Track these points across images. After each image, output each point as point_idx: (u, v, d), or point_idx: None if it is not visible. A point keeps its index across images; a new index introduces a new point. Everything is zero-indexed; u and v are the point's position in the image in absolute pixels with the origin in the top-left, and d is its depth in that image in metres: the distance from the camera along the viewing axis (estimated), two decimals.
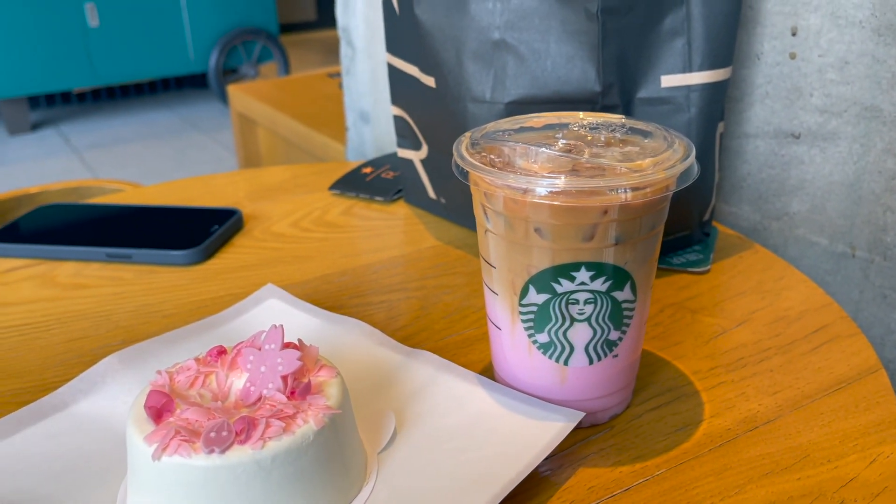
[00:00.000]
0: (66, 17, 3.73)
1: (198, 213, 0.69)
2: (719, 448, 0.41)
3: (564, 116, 0.44)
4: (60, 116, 4.06)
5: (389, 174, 0.79)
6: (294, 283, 0.59)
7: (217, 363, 0.38)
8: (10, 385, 0.47)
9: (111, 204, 0.74)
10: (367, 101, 1.07)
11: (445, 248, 0.65)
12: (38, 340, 0.52)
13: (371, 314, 0.55)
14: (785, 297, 0.56)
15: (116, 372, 0.45)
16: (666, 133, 0.41)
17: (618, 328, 0.40)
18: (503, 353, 0.43)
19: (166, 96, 4.39)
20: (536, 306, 0.40)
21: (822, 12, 0.58)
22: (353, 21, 1.04)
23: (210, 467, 0.32)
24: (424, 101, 0.63)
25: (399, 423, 0.41)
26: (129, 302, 0.57)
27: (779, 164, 0.64)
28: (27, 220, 0.70)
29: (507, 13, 0.55)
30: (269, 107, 1.75)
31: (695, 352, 0.50)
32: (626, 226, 0.38)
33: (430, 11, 0.58)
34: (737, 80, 0.65)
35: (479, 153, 0.40)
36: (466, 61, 0.57)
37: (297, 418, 0.34)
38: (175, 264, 0.62)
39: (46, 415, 0.42)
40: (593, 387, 0.42)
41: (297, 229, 0.69)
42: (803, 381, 0.46)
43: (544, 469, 0.40)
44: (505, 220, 0.39)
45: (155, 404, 0.35)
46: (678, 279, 0.59)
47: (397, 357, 0.47)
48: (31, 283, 0.60)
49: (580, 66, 0.54)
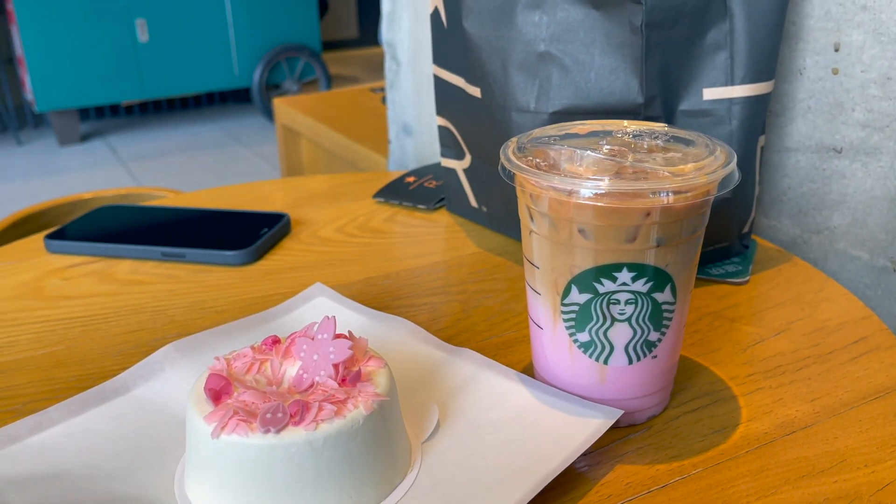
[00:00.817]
0: (118, 32, 3.85)
1: (248, 217, 0.72)
2: (756, 450, 0.42)
3: (609, 124, 0.45)
4: (109, 128, 4.17)
5: (432, 183, 0.81)
6: (339, 284, 0.61)
7: (272, 351, 0.40)
8: (73, 371, 0.50)
9: (166, 206, 0.77)
10: (410, 113, 1.09)
11: (486, 255, 0.66)
12: (98, 331, 0.55)
13: (414, 315, 0.56)
14: (824, 308, 0.56)
15: (174, 360, 0.47)
16: (708, 141, 0.42)
17: (657, 329, 0.41)
18: (544, 351, 0.45)
19: (211, 110, 4.49)
20: (578, 306, 0.41)
21: (865, 29, 0.59)
22: (398, 36, 1.07)
23: (265, 446, 0.34)
24: (469, 112, 0.65)
25: (442, 415, 0.43)
26: (183, 298, 0.59)
27: (820, 179, 0.65)
28: (87, 220, 0.73)
29: (552, 26, 0.56)
30: (313, 119, 1.79)
31: (732, 358, 0.50)
32: (668, 228, 0.39)
33: (478, 24, 0.60)
34: (779, 95, 0.66)
35: (526, 157, 0.41)
36: (512, 72, 0.58)
37: (348, 403, 0.36)
38: (226, 264, 0.65)
39: (109, 398, 0.44)
40: (632, 386, 0.43)
41: (343, 234, 0.71)
42: (841, 389, 0.47)
43: (582, 464, 0.41)
44: (549, 221, 0.40)
45: (214, 386, 0.37)
46: (717, 289, 0.60)
47: (441, 354, 0.48)
48: (91, 279, 0.63)
49: (623, 78, 0.55)
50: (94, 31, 3.79)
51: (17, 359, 0.51)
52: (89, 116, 4.31)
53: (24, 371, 0.50)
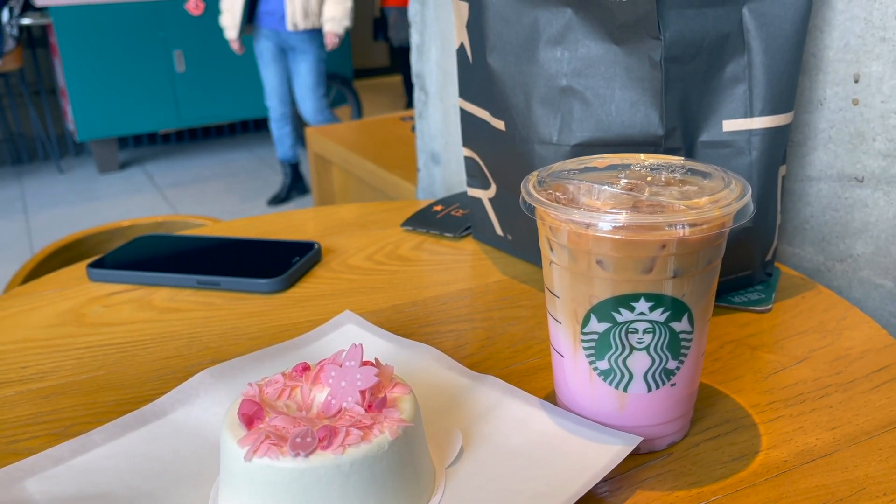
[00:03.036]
0: (156, 63, 3.96)
1: (280, 246, 0.74)
2: (775, 478, 0.42)
3: (627, 157, 0.47)
4: (146, 156, 4.28)
5: (459, 212, 0.83)
6: (368, 311, 0.63)
7: (302, 378, 0.41)
8: (114, 396, 0.52)
9: (201, 236, 0.80)
10: (438, 143, 1.12)
11: (511, 283, 0.68)
12: (136, 357, 0.57)
13: (440, 342, 0.58)
14: (847, 336, 0.56)
15: (209, 385, 0.49)
16: (724, 174, 0.43)
17: (675, 358, 0.42)
18: (565, 379, 0.46)
19: (245, 138, 4.58)
20: (597, 334, 0.42)
21: (884, 60, 0.60)
22: (426, 67, 1.09)
23: (295, 469, 0.36)
24: (494, 144, 0.67)
25: (466, 441, 0.44)
26: (218, 325, 0.62)
27: (842, 207, 0.65)
28: (126, 249, 0.76)
29: (574, 61, 0.58)
30: (344, 148, 1.83)
31: (753, 386, 0.51)
32: (684, 260, 0.40)
33: (502, 60, 0.62)
34: (800, 125, 0.67)
35: (546, 190, 0.43)
36: (535, 106, 0.60)
37: (374, 429, 0.38)
38: (260, 292, 0.67)
39: (148, 421, 0.46)
40: (652, 414, 0.44)
41: (372, 262, 0.73)
42: (863, 417, 0.47)
43: (603, 490, 0.42)
44: (569, 253, 0.42)
45: (247, 412, 0.38)
46: (739, 317, 0.60)
47: (465, 380, 0.50)
48: (130, 306, 0.65)
49: (643, 111, 0.57)
50: (133, 62, 3.90)
51: (62, 383, 0.54)
52: (128, 145, 4.43)
53: (68, 395, 0.52)
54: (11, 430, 0.48)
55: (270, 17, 3.18)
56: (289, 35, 3.19)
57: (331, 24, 3.15)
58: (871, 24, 0.60)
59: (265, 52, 3.31)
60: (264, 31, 3.23)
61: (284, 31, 3.18)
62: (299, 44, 3.22)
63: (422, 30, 1.09)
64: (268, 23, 3.19)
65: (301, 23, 3.12)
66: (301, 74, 3.33)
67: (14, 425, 0.49)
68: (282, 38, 3.23)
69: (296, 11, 3.11)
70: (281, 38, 3.23)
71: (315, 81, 3.34)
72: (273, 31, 3.21)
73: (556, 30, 0.59)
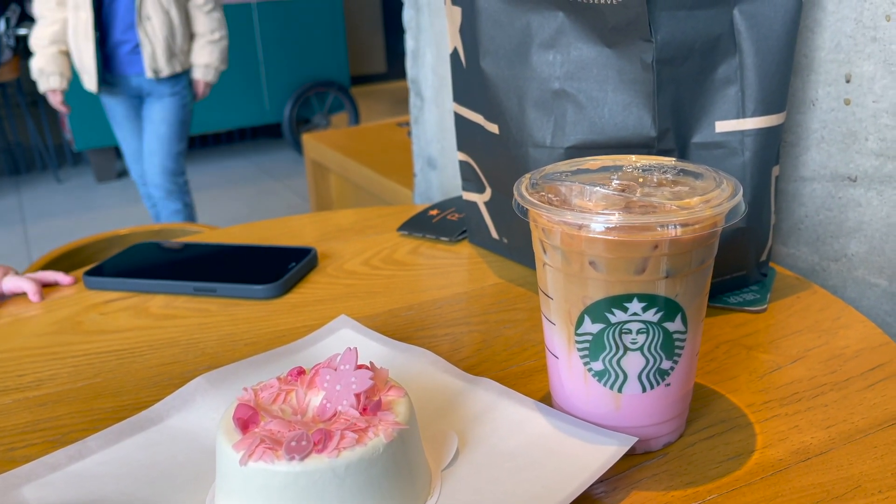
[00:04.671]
0: None
1: (276, 251, 0.74)
2: (771, 477, 0.42)
3: (619, 159, 0.47)
4: None
5: (454, 216, 0.83)
6: (364, 316, 0.63)
7: (297, 382, 0.41)
8: (110, 403, 0.52)
9: (197, 243, 0.80)
10: (434, 148, 1.12)
11: (507, 286, 0.68)
12: (133, 364, 0.57)
13: (436, 346, 0.58)
14: (842, 335, 0.57)
15: (205, 391, 0.49)
16: (715, 174, 0.44)
17: (669, 358, 0.42)
18: (560, 380, 0.46)
19: (242, 145, 4.58)
20: (591, 335, 0.42)
21: (875, 60, 0.60)
22: (422, 73, 1.10)
23: (290, 473, 0.36)
24: (488, 147, 0.67)
25: (461, 443, 0.44)
26: (215, 331, 0.62)
27: (836, 207, 0.66)
28: (122, 257, 0.76)
29: (566, 64, 0.58)
30: (341, 154, 1.83)
31: (749, 386, 0.51)
32: (677, 260, 0.40)
33: (495, 64, 0.63)
34: (793, 126, 0.67)
35: (538, 192, 0.43)
36: (528, 109, 0.60)
37: (369, 431, 0.38)
38: (256, 298, 0.67)
39: (144, 427, 0.46)
40: (647, 414, 0.44)
41: (368, 267, 0.73)
42: (858, 416, 0.47)
43: (599, 490, 0.42)
44: (562, 254, 0.42)
45: (242, 416, 0.38)
46: (734, 317, 0.60)
47: (460, 383, 0.50)
48: (126, 314, 0.66)
49: (636, 113, 0.57)
50: None
51: (58, 391, 0.54)
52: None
53: (65, 403, 0.52)
54: (9, 437, 0.48)
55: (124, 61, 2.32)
56: (148, 81, 2.34)
57: (203, 72, 2.39)
58: (862, 25, 0.60)
59: (117, 107, 2.44)
60: (116, 78, 2.36)
61: (141, 78, 2.33)
62: (156, 87, 2.36)
63: (417, 35, 1.09)
64: (121, 68, 2.33)
65: (165, 67, 2.28)
66: (153, 122, 2.42)
67: (11, 433, 0.49)
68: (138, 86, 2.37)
69: (157, 53, 2.26)
70: (136, 85, 2.37)
71: (170, 133, 2.43)
72: (125, 77, 2.34)
73: (548, 33, 0.59)
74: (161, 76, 2.29)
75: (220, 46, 2.38)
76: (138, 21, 2.22)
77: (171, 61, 2.29)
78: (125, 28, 2.26)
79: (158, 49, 2.25)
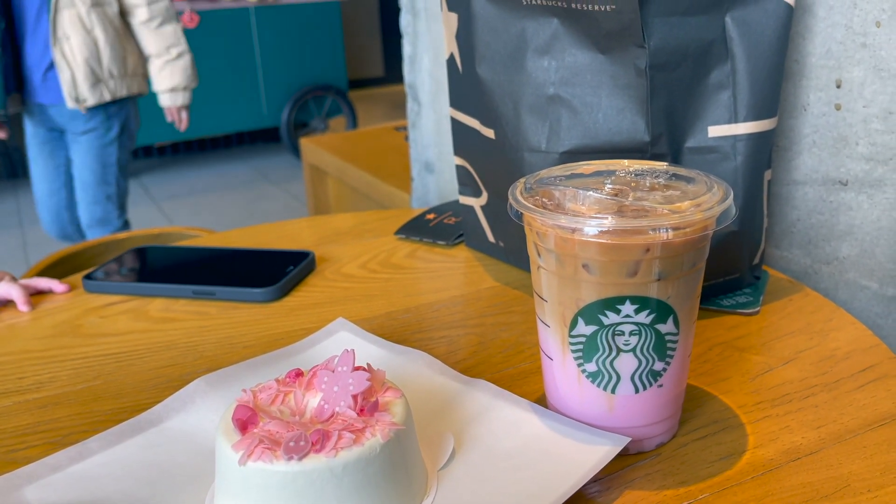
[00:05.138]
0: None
1: (274, 255, 0.75)
2: (762, 476, 0.43)
3: (612, 164, 0.48)
4: (142, 169, 4.28)
5: (451, 220, 0.84)
6: (361, 319, 0.64)
7: (295, 383, 0.42)
8: (110, 405, 0.53)
9: (196, 246, 0.81)
10: (431, 152, 1.13)
11: (503, 289, 0.69)
12: (132, 367, 0.58)
13: (433, 348, 0.58)
14: (833, 337, 0.57)
15: (204, 393, 0.50)
16: (707, 178, 0.44)
17: (662, 359, 0.43)
18: (555, 382, 0.46)
19: (240, 150, 4.59)
20: (585, 337, 0.43)
21: (865, 65, 0.61)
22: (419, 77, 1.10)
23: (289, 472, 0.36)
24: (485, 152, 0.68)
25: (457, 443, 0.45)
26: (213, 334, 0.62)
27: (827, 210, 0.66)
28: (122, 260, 0.77)
29: (561, 70, 0.59)
30: (338, 158, 1.84)
31: (741, 387, 0.52)
32: (668, 263, 0.41)
33: (491, 70, 0.64)
34: (785, 130, 0.68)
35: (533, 197, 0.44)
36: (523, 114, 0.61)
37: (366, 432, 0.38)
38: (254, 301, 0.68)
39: (143, 429, 0.47)
40: (640, 415, 0.45)
41: (365, 270, 0.74)
42: (847, 416, 0.48)
43: (592, 490, 0.42)
44: (556, 257, 0.42)
45: (241, 417, 0.39)
46: (727, 320, 0.61)
47: (456, 385, 0.51)
48: (126, 317, 0.66)
49: (630, 118, 0.58)
50: None
51: (58, 393, 0.54)
52: None
53: (65, 405, 0.53)
54: (10, 439, 0.49)
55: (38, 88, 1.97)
56: (65, 114, 1.99)
57: (170, 98, 2.09)
58: (852, 31, 0.61)
59: (33, 140, 2.09)
60: (31, 107, 2.02)
61: (59, 109, 1.99)
62: (71, 122, 2.01)
63: (414, 40, 1.10)
64: (36, 96, 1.98)
65: (89, 96, 1.93)
66: (75, 165, 2.08)
67: (12, 435, 0.49)
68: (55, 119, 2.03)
69: (77, 79, 1.90)
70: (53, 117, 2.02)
71: (97, 176, 2.06)
72: (40, 106, 2.00)
73: (542, 39, 0.60)
74: (87, 105, 1.94)
75: (181, 64, 2.04)
76: (53, 41, 1.87)
77: (96, 88, 1.93)
78: (43, 47, 1.92)
79: (79, 74, 1.90)
